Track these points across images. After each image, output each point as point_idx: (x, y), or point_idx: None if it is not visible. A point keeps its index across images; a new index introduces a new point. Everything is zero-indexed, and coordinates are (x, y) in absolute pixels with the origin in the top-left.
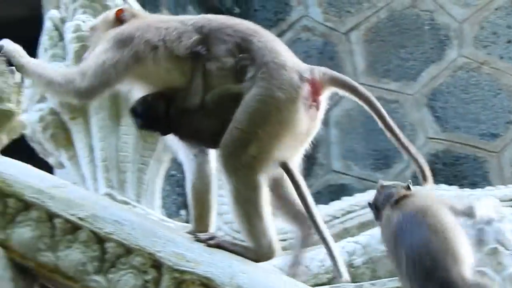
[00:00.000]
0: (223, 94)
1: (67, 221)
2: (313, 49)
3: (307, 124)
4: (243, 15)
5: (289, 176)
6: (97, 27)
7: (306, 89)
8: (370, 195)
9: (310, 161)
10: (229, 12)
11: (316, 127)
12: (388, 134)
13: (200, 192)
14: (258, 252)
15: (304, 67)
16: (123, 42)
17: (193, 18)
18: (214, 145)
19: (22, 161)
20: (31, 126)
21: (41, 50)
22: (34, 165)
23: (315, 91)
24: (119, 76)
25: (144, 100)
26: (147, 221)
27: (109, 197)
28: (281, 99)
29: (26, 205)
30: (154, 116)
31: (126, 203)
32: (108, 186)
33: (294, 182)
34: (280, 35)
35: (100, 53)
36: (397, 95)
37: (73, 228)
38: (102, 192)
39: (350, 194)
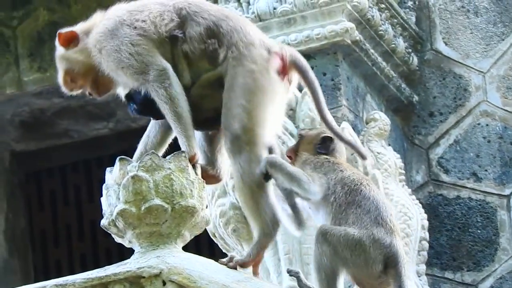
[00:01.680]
0: (205, 85)
1: None
2: (493, 134)
3: (283, 94)
4: (422, 103)
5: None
6: (66, 65)
7: (276, 61)
8: None
9: (493, 246)
10: (408, 100)
11: (286, 100)
12: (324, 124)
13: None
14: (262, 237)
15: (272, 43)
16: (115, 30)
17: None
18: (208, 129)
19: (204, 256)
20: (212, 221)
21: None
22: (216, 261)
23: (284, 66)
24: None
25: None
26: None
27: None
28: (256, 71)
29: None
30: (149, 101)
31: None
32: (292, 279)
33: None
34: (459, 121)
35: (113, 47)
36: None
37: None
38: (286, 285)
39: None
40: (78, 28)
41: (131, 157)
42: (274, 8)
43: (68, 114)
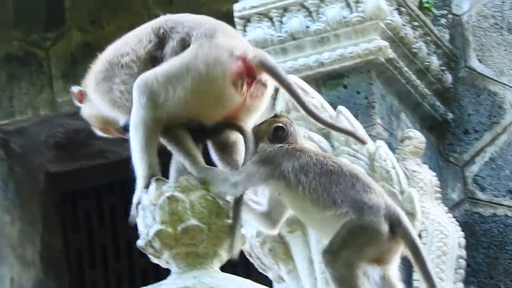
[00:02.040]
0: None
1: None
2: None
3: (240, 100)
4: (457, 121)
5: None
6: (92, 123)
7: (236, 65)
8: None
9: None
10: (443, 118)
11: (263, 103)
12: (312, 120)
13: None
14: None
15: (241, 47)
16: (105, 72)
17: (152, 21)
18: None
19: (240, 276)
20: (248, 241)
21: None
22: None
23: (249, 70)
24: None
25: None
26: None
27: None
28: (202, 73)
29: None
30: None
31: None
32: None
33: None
34: (494, 138)
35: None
36: None
37: None
38: None
39: None
40: (87, 79)
41: (166, 177)
42: (307, 27)
43: None
